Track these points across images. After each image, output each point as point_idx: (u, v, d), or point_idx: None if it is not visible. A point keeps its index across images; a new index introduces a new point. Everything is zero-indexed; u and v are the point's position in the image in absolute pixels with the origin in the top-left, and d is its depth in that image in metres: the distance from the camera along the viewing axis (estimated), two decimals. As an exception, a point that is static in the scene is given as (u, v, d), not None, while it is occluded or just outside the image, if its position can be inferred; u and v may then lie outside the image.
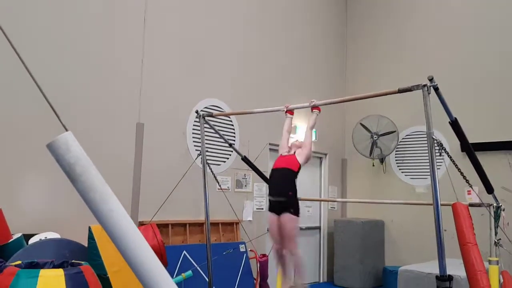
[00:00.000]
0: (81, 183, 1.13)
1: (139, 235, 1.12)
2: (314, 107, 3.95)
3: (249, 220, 6.36)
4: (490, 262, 3.81)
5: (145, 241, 1.13)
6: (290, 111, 4.08)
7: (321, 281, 7.91)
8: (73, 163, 1.13)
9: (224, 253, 5.15)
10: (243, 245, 5.80)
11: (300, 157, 3.73)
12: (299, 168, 3.71)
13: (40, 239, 3.89)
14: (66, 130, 1.19)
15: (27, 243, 3.82)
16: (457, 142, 4.50)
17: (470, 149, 3.69)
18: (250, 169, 5.21)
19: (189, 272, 4.74)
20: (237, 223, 6.04)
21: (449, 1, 7.77)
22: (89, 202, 1.13)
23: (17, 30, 3.93)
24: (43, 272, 2.94)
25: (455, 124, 3.58)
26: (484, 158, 4.30)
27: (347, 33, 8.92)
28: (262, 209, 6.67)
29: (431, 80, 3.00)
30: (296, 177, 3.68)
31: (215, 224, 5.71)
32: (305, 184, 7.80)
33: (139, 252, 1.09)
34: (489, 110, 7.06)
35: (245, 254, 5.75)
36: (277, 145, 6.99)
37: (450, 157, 3.37)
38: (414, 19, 8.10)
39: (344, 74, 8.77)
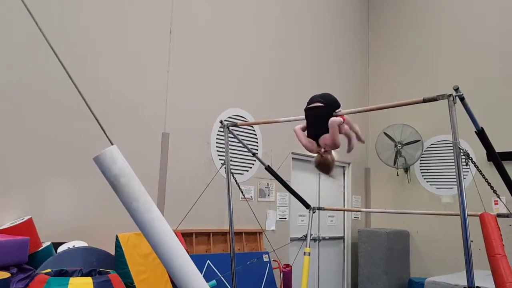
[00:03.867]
0: (125, 193, 1.18)
1: (178, 242, 1.16)
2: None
3: (272, 230, 6.36)
4: (519, 274, 3.73)
5: (183, 248, 1.17)
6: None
7: (345, 291, 7.84)
8: (118, 174, 1.19)
9: (248, 262, 5.16)
10: (267, 255, 5.80)
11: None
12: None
13: (69, 248, 3.97)
14: (112, 143, 1.25)
15: (55, 251, 3.91)
16: (482, 151, 4.43)
17: (497, 158, 3.64)
18: (273, 178, 5.24)
19: (213, 282, 4.76)
20: (260, 233, 6.06)
21: (474, 10, 7.69)
22: (132, 211, 1.18)
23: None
24: (72, 280, 3.01)
25: (481, 134, 3.54)
26: (511, 168, 4.22)
27: (370, 42, 8.90)
28: (285, 218, 6.67)
29: (456, 90, 2.97)
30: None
31: (238, 234, 5.73)
32: (328, 194, 7.77)
33: (178, 259, 1.13)
34: (516, 118, 6.93)
35: (268, 264, 5.75)
36: (300, 155, 7.05)
37: (477, 167, 3.33)
38: (437, 28, 8.03)
39: (366, 83, 8.74)
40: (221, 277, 5.01)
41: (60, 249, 3.95)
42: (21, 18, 2.78)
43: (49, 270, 3.32)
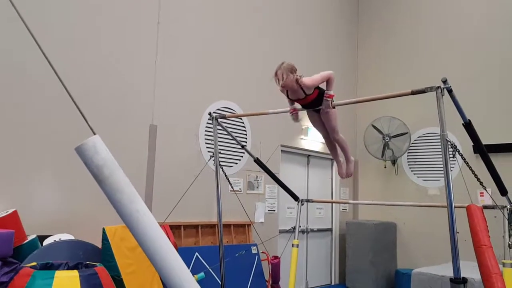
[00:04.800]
0: (108, 184, 1.15)
1: (162, 234, 1.14)
2: (329, 95, 3.73)
3: (261, 222, 6.36)
4: (504, 264, 3.78)
5: (168, 240, 1.15)
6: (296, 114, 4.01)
7: (333, 283, 7.89)
8: (101, 165, 1.15)
9: (236, 254, 5.15)
10: (255, 247, 5.80)
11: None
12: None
13: (55, 241, 3.93)
14: (94, 133, 1.21)
15: (41, 244, 3.86)
16: (469, 143, 4.46)
17: (483, 151, 3.66)
18: (262, 170, 5.22)
19: (202, 274, 4.75)
20: (249, 225, 6.05)
21: (463, 2, 7.72)
22: (115, 203, 1.15)
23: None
24: (58, 274, 2.98)
25: (469, 126, 3.55)
26: (497, 160, 4.26)
27: (358, 35, 8.90)
28: (274, 210, 6.67)
29: (444, 82, 2.97)
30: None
31: (227, 226, 5.72)
32: (316, 186, 7.79)
33: (162, 250, 1.11)
34: (503, 111, 7.00)
35: (257, 256, 5.76)
36: (289, 147, 7.05)
37: (464, 159, 3.35)
38: (425, 20, 8.06)
39: (355, 75, 8.74)
40: (210, 270, 5.00)
41: (46, 242, 3.90)
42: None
43: (34, 263, 3.28)
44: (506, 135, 6.83)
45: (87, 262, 3.49)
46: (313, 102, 3.79)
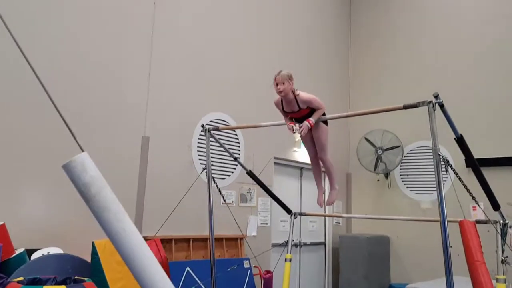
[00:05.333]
0: (96, 202, 1.13)
1: (151, 255, 1.12)
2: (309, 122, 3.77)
3: (254, 236, 6.31)
4: (497, 280, 3.76)
5: (156, 260, 1.13)
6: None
7: (326, 297, 7.83)
8: (88, 183, 1.13)
9: (228, 269, 5.09)
10: (247, 261, 5.74)
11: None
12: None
13: (43, 254, 3.86)
14: (82, 150, 1.19)
15: (29, 258, 3.80)
16: (461, 157, 4.47)
17: (476, 165, 3.67)
18: (254, 183, 5.19)
19: (193, 289, 4.70)
20: (241, 239, 6.00)
21: (456, 16, 7.80)
22: (102, 222, 1.12)
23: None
24: (45, 289, 2.92)
25: (460, 141, 3.56)
26: (489, 174, 4.27)
27: (351, 48, 8.95)
28: (267, 224, 6.63)
29: (436, 97, 2.98)
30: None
31: (219, 240, 5.67)
32: (309, 199, 7.75)
33: (150, 272, 1.09)
34: (495, 125, 7.04)
35: (249, 271, 5.70)
36: (282, 159, 7.03)
37: (457, 174, 3.34)
38: (418, 35, 8.12)
39: (347, 88, 8.78)
40: (201, 284, 4.94)
41: (34, 256, 3.83)
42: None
43: (21, 278, 3.22)
44: (498, 149, 6.86)
45: (76, 277, 3.43)
46: (305, 118, 3.79)
